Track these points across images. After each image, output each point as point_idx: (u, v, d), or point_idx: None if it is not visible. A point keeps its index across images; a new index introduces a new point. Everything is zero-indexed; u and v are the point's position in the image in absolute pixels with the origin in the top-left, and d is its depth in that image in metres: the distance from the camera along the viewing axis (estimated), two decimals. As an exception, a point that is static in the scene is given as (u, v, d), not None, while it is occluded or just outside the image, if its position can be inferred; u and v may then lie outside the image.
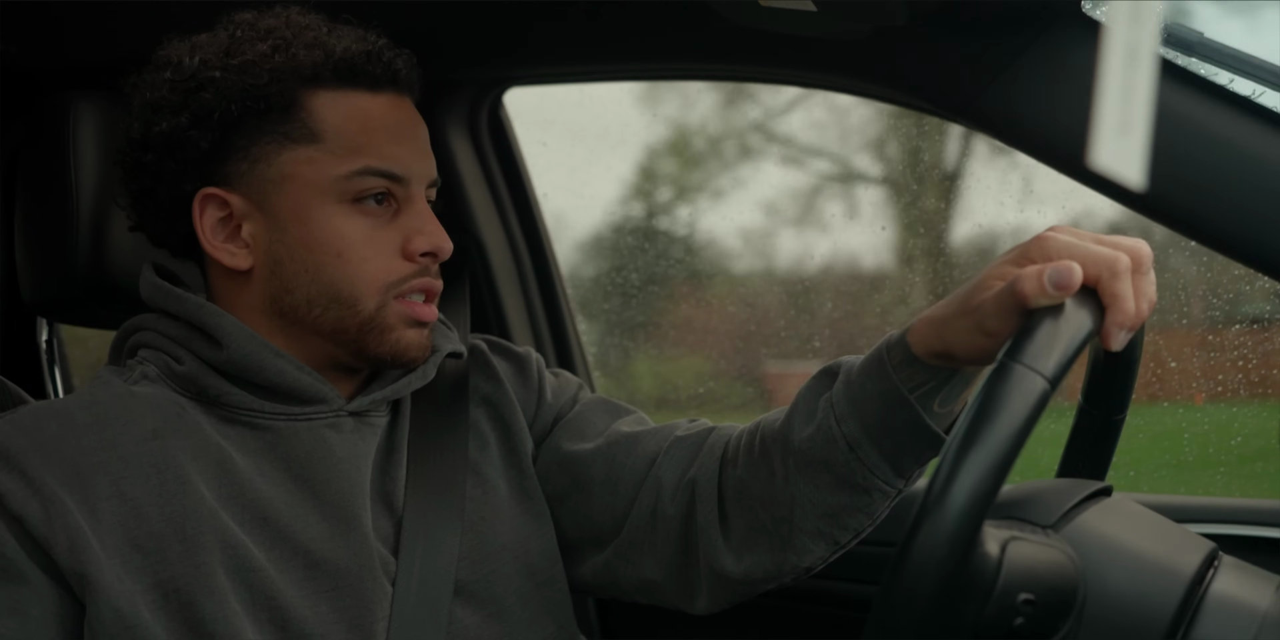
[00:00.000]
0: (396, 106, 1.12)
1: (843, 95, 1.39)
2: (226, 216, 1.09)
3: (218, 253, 1.10)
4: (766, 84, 1.48)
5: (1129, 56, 0.52)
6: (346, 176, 1.07)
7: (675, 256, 2.53)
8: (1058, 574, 0.84)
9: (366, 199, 1.08)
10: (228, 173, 1.09)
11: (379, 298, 1.08)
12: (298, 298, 1.09)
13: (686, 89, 2.33)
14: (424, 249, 1.10)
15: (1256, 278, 1.63)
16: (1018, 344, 0.79)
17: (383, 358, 1.10)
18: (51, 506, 0.98)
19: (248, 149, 1.08)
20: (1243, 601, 0.86)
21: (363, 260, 1.08)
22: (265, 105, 1.07)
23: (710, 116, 2.50)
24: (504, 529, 1.16)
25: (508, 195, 1.76)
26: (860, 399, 1.00)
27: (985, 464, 0.74)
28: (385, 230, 1.09)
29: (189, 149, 1.08)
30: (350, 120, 1.08)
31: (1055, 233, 0.88)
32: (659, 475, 1.15)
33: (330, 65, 1.08)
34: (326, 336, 1.10)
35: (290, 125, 1.08)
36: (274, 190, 1.08)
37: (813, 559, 1.08)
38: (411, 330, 1.11)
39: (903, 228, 2.31)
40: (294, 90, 1.08)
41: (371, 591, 1.06)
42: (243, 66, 1.07)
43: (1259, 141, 1.09)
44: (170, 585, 1.00)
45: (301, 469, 1.07)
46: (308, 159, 1.08)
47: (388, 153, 1.09)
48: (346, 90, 1.09)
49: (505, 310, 1.74)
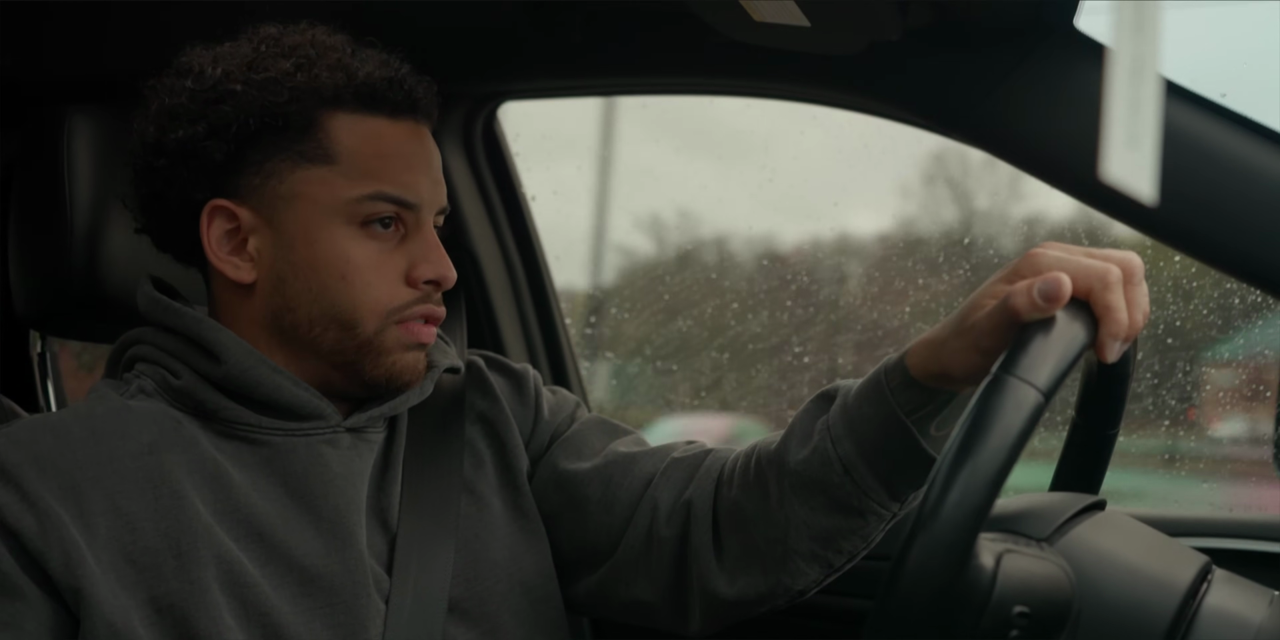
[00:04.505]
0: (414, 134, 1.11)
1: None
2: (234, 229, 1.09)
3: (222, 265, 1.09)
4: (759, 99, 1.48)
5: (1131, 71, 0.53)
6: (358, 200, 1.07)
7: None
8: (1052, 587, 0.84)
9: (374, 223, 1.08)
10: (239, 186, 1.09)
11: (379, 322, 1.08)
12: (299, 316, 1.08)
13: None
14: (428, 277, 1.10)
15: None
16: (1011, 357, 0.79)
17: (377, 380, 1.10)
18: (47, 520, 0.97)
19: (261, 164, 1.08)
20: (1236, 615, 0.86)
21: (367, 284, 1.08)
22: (283, 123, 1.07)
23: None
24: (498, 547, 1.16)
25: (502, 210, 1.76)
26: (857, 422, 1.00)
27: (980, 476, 0.74)
28: (391, 255, 1.09)
29: (203, 158, 1.08)
30: (367, 144, 1.08)
31: (1045, 249, 0.89)
32: (655, 496, 1.15)
33: (352, 89, 1.08)
34: (324, 357, 1.09)
35: (306, 144, 1.07)
36: (284, 207, 1.08)
37: (806, 581, 1.08)
38: (410, 354, 1.10)
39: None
40: (313, 110, 1.08)
41: (365, 609, 1.06)
42: (264, 82, 1.07)
43: (1257, 157, 1.10)
44: (165, 600, 0.99)
45: (298, 485, 1.07)
46: (320, 179, 1.08)
47: (401, 180, 1.09)
48: (366, 115, 1.09)
49: (500, 325, 1.74)
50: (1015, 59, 1.18)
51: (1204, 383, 1.82)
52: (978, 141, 1.23)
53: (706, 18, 1.21)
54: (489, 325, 1.74)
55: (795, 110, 1.52)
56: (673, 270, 2.54)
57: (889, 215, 2.31)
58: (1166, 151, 1.10)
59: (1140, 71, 0.52)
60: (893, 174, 2.19)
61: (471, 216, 1.73)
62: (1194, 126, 1.12)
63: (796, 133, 2.00)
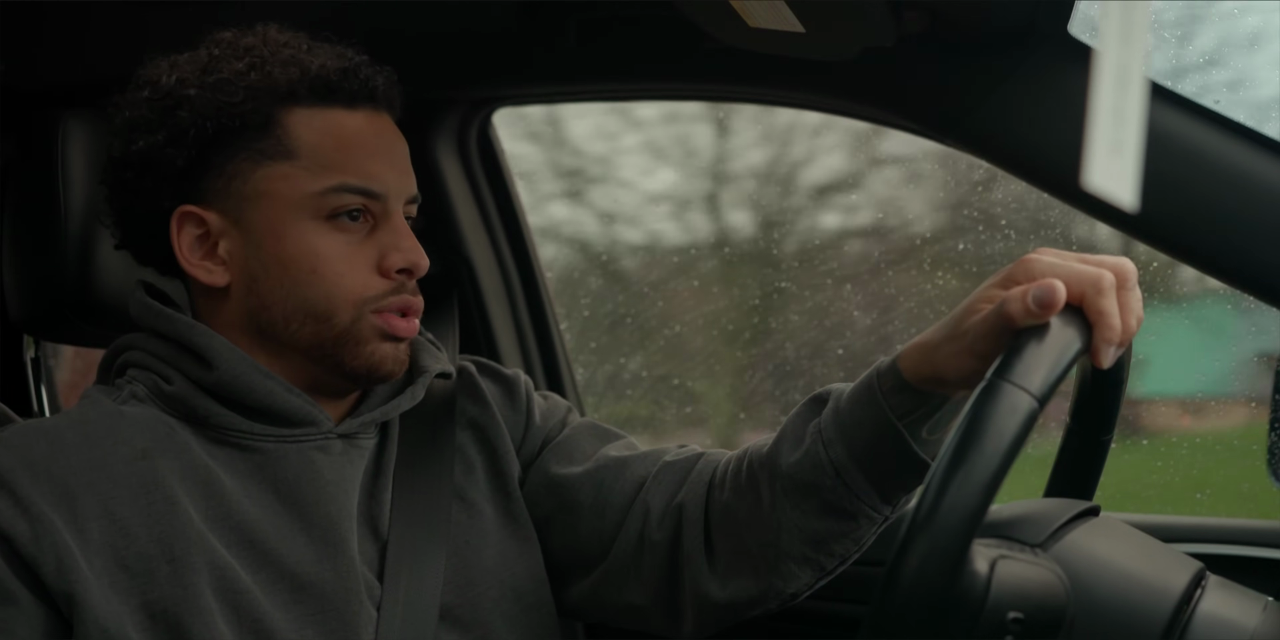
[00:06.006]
0: (373, 123, 1.11)
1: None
2: (204, 234, 1.09)
3: (194, 270, 1.09)
4: (753, 105, 1.48)
5: (1119, 77, 0.53)
6: (322, 193, 1.07)
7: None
8: (1046, 593, 0.84)
9: (341, 215, 1.08)
10: (204, 190, 1.09)
11: (354, 312, 1.08)
12: (275, 314, 1.08)
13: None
14: (399, 266, 1.09)
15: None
16: (1006, 362, 0.80)
17: (358, 372, 1.09)
18: (40, 526, 0.97)
19: (223, 166, 1.08)
20: (1230, 621, 0.86)
21: (338, 275, 1.08)
22: (240, 123, 1.07)
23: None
24: (490, 553, 1.16)
25: (497, 215, 1.76)
26: (848, 425, 1.00)
27: (974, 483, 0.74)
28: (361, 246, 1.09)
29: (165, 167, 1.08)
30: (326, 137, 1.08)
31: (1039, 255, 0.89)
32: (646, 501, 1.15)
33: (306, 82, 1.08)
34: (304, 353, 1.09)
35: (266, 142, 1.07)
36: (249, 207, 1.08)
37: (798, 585, 1.08)
38: (386, 344, 1.10)
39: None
40: (270, 107, 1.08)
41: (357, 616, 1.06)
42: (218, 84, 1.07)
43: (1249, 163, 1.10)
44: (157, 606, 0.99)
45: (289, 492, 1.07)
46: (283, 175, 1.07)
47: (364, 169, 1.09)
48: (322, 107, 1.09)
49: (494, 331, 1.74)
50: (1009, 65, 1.18)
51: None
52: (972, 147, 1.24)
53: (701, 23, 1.21)
54: (484, 331, 1.73)
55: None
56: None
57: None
58: (1164, 158, 1.11)
59: (1126, 78, 0.52)
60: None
61: (466, 222, 1.73)
62: (1191, 133, 1.13)
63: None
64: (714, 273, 2.39)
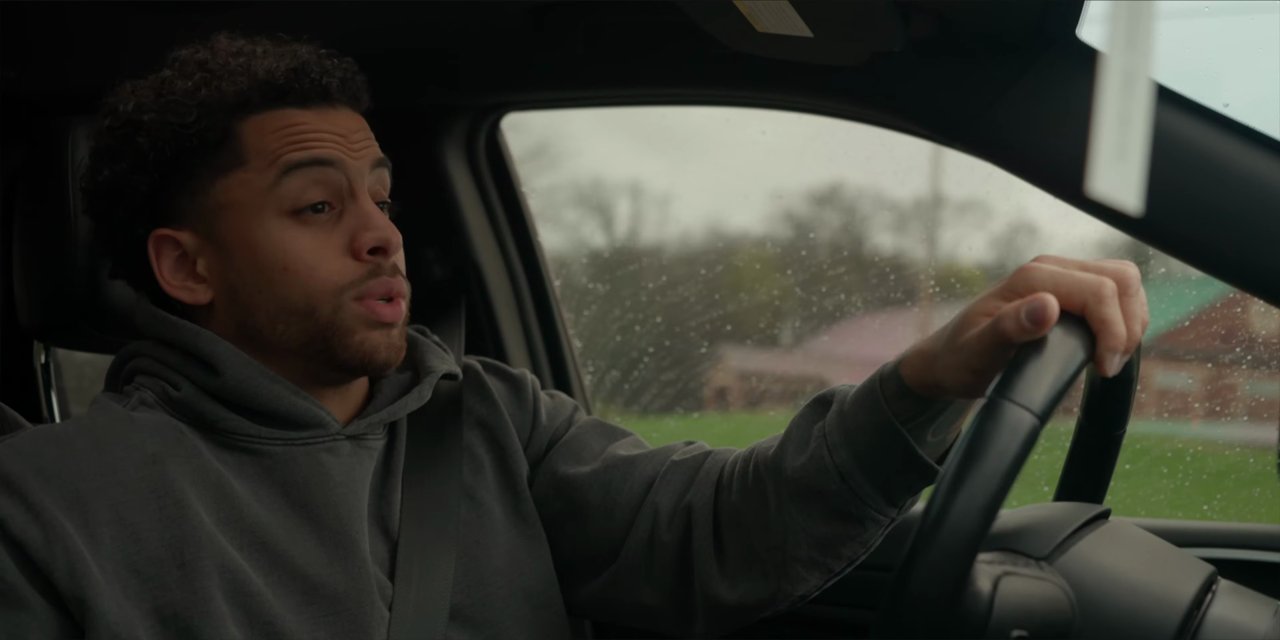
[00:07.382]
0: (326, 115, 1.10)
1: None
2: (181, 254, 1.10)
3: (178, 293, 1.10)
4: (762, 109, 1.48)
5: (1125, 82, 0.53)
6: (274, 184, 1.07)
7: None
8: (1051, 608, 0.83)
9: (305, 210, 1.08)
10: (174, 211, 1.09)
11: (334, 301, 1.07)
12: (260, 319, 1.08)
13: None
14: (370, 245, 1.08)
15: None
16: (1006, 380, 0.78)
17: (352, 363, 1.09)
18: (51, 531, 0.97)
19: (187, 185, 1.09)
20: (1241, 626, 0.86)
21: (310, 269, 1.07)
22: (198, 141, 1.07)
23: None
24: (499, 553, 1.16)
25: (505, 220, 1.76)
26: (852, 429, 1.00)
27: (974, 504, 0.73)
28: (329, 235, 1.08)
29: (132, 193, 1.09)
30: (271, 134, 1.08)
31: (1039, 263, 0.88)
32: (655, 501, 1.15)
33: (256, 89, 1.08)
34: (297, 352, 1.09)
35: (222, 155, 1.08)
36: (217, 220, 1.08)
37: (807, 587, 1.08)
38: (375, 332, 1.09)
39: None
40: (224, 121, 1.08)
41: (369, 617, 1.06)
42: (170, 106, 1.07)
43: (1256, 165, 1.10)
44: (169, 610, 0.99)
45: (299, 494, 1.07)
46: (239, 182, 1.08)
47: (306, 143, 1.08)
48: (274, 110, 1.09)
49: (503, 334, 1.74)
50: (1017, 69, 1.18)
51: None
52: (980, 152, 1.23)
53: (709, 29, 1.21)
54: (491, 333, 1.74)
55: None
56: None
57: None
58: (1172, 162, 1.10)
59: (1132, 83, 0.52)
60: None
61: (474, 226, 1.73)
62: (1200, 137, 1.12)
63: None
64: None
